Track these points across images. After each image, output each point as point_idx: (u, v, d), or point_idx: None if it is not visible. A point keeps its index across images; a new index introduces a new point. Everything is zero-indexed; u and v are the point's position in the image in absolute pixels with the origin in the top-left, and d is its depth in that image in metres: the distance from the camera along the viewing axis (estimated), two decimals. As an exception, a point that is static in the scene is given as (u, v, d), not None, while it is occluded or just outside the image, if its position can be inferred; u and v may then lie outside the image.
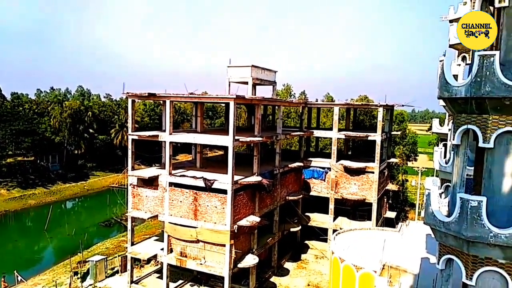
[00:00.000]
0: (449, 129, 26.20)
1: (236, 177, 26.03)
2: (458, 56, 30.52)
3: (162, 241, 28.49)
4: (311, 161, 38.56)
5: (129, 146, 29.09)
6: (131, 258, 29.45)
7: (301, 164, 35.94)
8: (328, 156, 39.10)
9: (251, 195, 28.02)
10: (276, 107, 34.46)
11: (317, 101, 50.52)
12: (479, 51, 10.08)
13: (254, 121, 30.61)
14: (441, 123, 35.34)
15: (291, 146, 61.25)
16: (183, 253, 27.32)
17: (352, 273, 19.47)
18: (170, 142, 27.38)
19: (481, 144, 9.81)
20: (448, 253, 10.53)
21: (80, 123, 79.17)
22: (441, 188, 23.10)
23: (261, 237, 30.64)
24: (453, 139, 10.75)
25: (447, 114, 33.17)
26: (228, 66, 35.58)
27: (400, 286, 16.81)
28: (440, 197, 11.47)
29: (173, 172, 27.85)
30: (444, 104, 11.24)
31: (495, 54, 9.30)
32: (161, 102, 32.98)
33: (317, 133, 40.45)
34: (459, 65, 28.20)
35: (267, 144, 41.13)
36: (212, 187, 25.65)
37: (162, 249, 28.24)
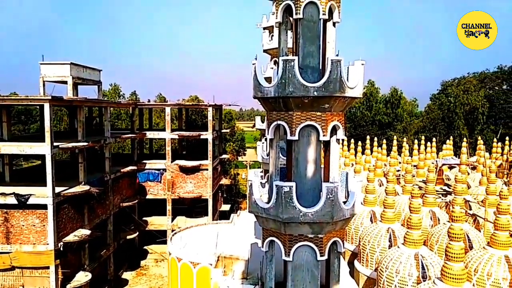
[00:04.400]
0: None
1: (58, 189, 23.30)
2: (271, 60, 34.35)
3: (-38, 276, 23.24)
4: (145, 163, 37.51)
5: None
6: None
7: (134, 167, 34.65)
8: (163, 157, 38.74)
9: (79, 206, 25.53)
10: (103, 108, 32.15)
11: (149, 101, 49.33)
12: (282, 56, 11.53)
13: (77, 124, 27.84)
14: (262, 120, 39.17)
15: (124, 150, 58.16)
16: (-7, 286, 22.93)
17: (189, 270, 19.84)
18: (-35, 155, 22.51)
19: (289, 137, 11.29)
20: (270, 235, 11.78)
21: None
22: (264, 178, 25.70)
23: (94, 251, 28.27)
24: (268, 134, 12.08)
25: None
26: (41, 63, 31.42)
27: (233, 274, 18.01)
28: (264, 186, 12.71)
29: (-28, 190, 22.99)
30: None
31: (295, 59, 10.76)
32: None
33: (150, 134, 39.67)
34: (272, 68, 31.78)
35: (95, 150, 37.97)
36: (28, 203, 22.29)
37: (-37, 286, 23.09)
